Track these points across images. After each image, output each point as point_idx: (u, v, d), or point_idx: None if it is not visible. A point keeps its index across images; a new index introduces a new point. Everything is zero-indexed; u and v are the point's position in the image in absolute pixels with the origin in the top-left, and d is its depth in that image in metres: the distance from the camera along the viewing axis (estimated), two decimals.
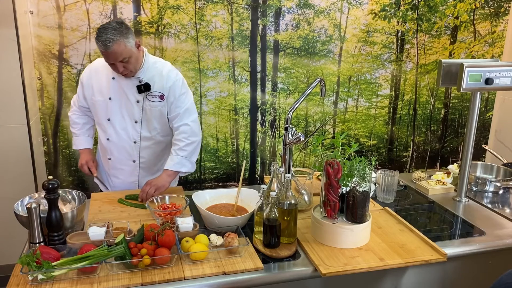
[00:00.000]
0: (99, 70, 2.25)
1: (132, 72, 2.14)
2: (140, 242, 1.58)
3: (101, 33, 1.99)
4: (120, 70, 2.09)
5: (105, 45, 1.98)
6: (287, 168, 2.02)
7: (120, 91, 2.22)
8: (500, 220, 1.97)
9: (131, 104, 2.23)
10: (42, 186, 1.63)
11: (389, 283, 1.70)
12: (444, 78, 2.09)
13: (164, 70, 2.23)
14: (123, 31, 2.02)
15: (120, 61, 2.05)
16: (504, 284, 1.02)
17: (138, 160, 2.34)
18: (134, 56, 2.10)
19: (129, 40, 2.04)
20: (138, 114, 2.25)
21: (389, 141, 3.72)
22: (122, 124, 2.27)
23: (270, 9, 3.17)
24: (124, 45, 2.02)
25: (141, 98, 2.22)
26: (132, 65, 2.11)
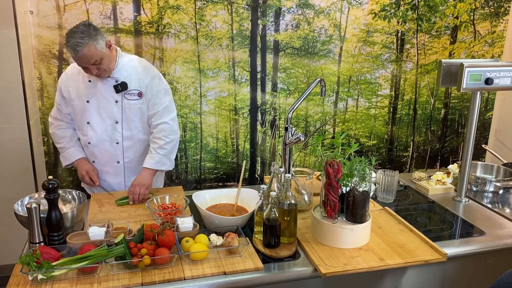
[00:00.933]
0: (74, 74, 2.24)
1: (107, 72, 2.14)
2: (140, 242, 1.58)
3: (70, 37, 1.98)
4: (94, 72, 2.08)
5: (74, 50, 1.97)
6: (287, 168, 2.02)
7: (97, 93, 2.21)
8: (500, 220, 1.97)
9: (109, 105, 2.22)
10: (42, 186, 1.63)
11: (389, 283, 1.70)
12: (444, 78, 2.09)
13: (140, 67, 2.23)
14: (91, 34, 2.01)
15: (92, 64, 2.05)
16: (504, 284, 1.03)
17: (123, 161, 2.32)
18: (106, 57, 2.09)
19: (98, 41, 2.03)
20: (118, 114, 2.24)
21: (389, 141, 3.71)
22: (102, 126, 2.25)
23: (270, 9, 3.17)
24: (94, 48, 2.01)
25: (119, 97, 2.21)
26: (105, 65, 2.10)
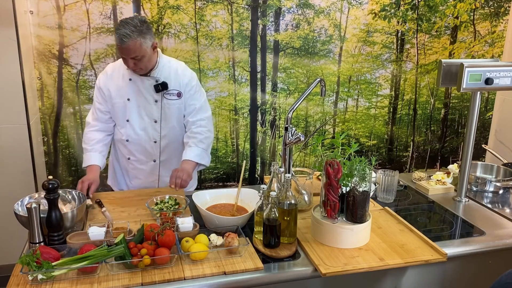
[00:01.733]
0: (114, 73, 2.27)
1: (143, 70, 2.15)
2: (140, 242, 1.58)
3: (121, 26, 2.01)
4: (130, 65, 2.10)
5: (121, 40, 1.99)
6: (287, 168, 2.02)
7: (138, 92, 2.23)
8: (500, 220, 1.97)
9: (149, 104, 2.25)
10: (42, 186, 1.63)
11: (389, 283, 1.70)
12: (444, 78, 2.09)
13: (179, 69, 2.27)
14: (142, 30, 2.04)
15: (132, 58, 2.07)
16: (504, 284, 1.02)
17: (159, 160, 2.35)
18: (147, 56, 2.11)
19: (146, 40, 2.06)
20: (157, 114, 2.27)
21: (389, 141, 3.72)
22: (141, 125, 2.28)
23: (270, 9, 3.17)
24: (139, 44, 2.03)
25: (159, 97, 2.24)
26: (143, 64, 2.11)
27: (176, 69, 2.26)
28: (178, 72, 2.26)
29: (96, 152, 2.28)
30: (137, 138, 2.30)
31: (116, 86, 2.25)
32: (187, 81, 2.26)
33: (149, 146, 2.32)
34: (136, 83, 2.23)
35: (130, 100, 2.25)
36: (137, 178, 2.39)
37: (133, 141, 2.31)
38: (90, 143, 2.29)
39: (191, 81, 2.28)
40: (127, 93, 2.24)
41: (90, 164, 2.26)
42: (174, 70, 2.26)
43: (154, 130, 2.30)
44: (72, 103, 2.97)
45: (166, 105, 2.26)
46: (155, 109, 2.26)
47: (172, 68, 2.26)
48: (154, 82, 2.22)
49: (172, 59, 2.32)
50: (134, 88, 2.24)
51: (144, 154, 2.34)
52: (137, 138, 2.30)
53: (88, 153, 2.29)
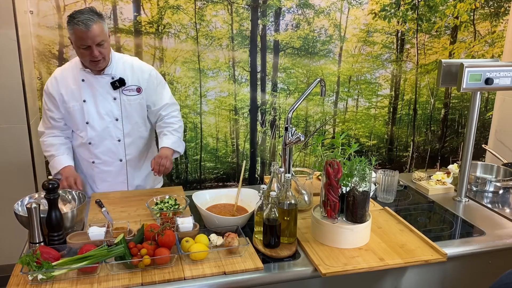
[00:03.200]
0: (64, 76, 2.19)
1: (105, 60, 2.11)
2: (140, 242, 1.58)
3: (79, 14, 1.98)
4: (96, 53, 2.03)
5: (86, 24, 1.95)
6: (287, 168, 2.02)
7: (94, 91, 2.18)
8: (500, 220, 1.97)
9: (108, 102, 2.20)
10: (42, 186, 1.63)
11: (389, 283, 1.70)
12: (444, 78, 2.09)
13: (134, 64, 2.24)
14: (99, 15, 2.03)
15: (97, 44, 2.02)
16: (504, 284, 1.02)
17: (125, 158, 2.29)
18: (108, 45, 2.08)
19: (105, 24, 2.05)
20: (118, 112, 2.22)
21: (389, 141, 3.72)
22: (102, 125, 2.21)
23: (270, 9, 3.17)
24: (102, 27, 2.01)
25: (117, 94, 2.19)
26: (106, 51, 2.08)
27: (131, 64, 2.22)
28: (134, 67, 2.22)
29: (63, 155, 2.23)
30: (99, 139, 2.23)
31: (69, 90, 2.17)
32: (147, 76, 2.23)
33: (113, 145, 2.25)
34: (90, 82, 2.16)
35: (86, 101, 2.18)
36: (104, 181, 2.31)
37: (95, 143, 2.24)
38: (53, 148, 2.22)
39: (151, 74, 2.25)
40: (81, 94, 2.17)
41: (63, 166, 2.19)
42: (129, 66, 2.21)
43: (117, 129, 2.24)
44: None
45: (126, 101, 2.21)
46: (114, 107, 2.20)
47: (126, 63, 2.22)
48: (110, 79, 2.16)
49: (124, 55, 2.28)
50: (89, 88, 2.17)
51: (109, 154, 2.27)
52: (100, 139, 2.23)
53: (56, 158, 2.21)
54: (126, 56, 2.27)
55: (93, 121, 2.21)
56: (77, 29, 1.97)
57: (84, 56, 2.07)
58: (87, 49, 2.03)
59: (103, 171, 2.30)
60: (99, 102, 2.19)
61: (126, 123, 2.25)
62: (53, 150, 2.23)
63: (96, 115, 2.20)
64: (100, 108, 2.20)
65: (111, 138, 2.25)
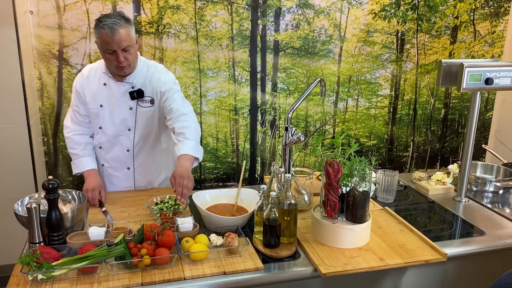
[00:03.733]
0: (91, 76, 2.17)
1: (130, 67, 2.06)
2: (140, 242, 1.58)
3: (105, 18, 1.93)
4: (121, 58, 1.97)
5: (112, 28, 1.89)
6: (287, 168, 2.02)
7: (111, 98, 2.14)
8: (500, 220, 1.97)
9: (123, 111, 2.16)
10: (42, 186, 1.63)
11: (389, 283, 1.70)
12: (444, 78, 2.09)
13: (156, 74, 2.15)
14: (127, 20, 1.98)
15: (123, 50, 1.96)
16: (504, 284, 1.02)
17: (133, 167, 2.29)
18: (134, 50, 2.03)
19: (132, 29, 1.99)
20: (131, 122, 2.18)
21: (389, 141, 3.71)
22: (114, 132, 2.19)
23: (270, 9, 3.17)
24: (129, 32, 1.96)
25: (134, 104, 2.14)
26: (132, 57, 2.02)
27: (152, 74, 2.15)
28: (154, 79, 2.14)
29: (89, 156, 2.22)
30: (109, 145, 2.22)
31: (91, 91, 2.15)
32: (165, 89, 2.13)
33: (121, 154, 2.24)
34: (111, 88, 2.13)
35: (103, 106, 2.15)
36: (112, 184, 2.32)
37: (105, 148, 2.23)
38: (78, 148, 2.21)
39: (168, 87, 2.14)
40: (100, 99, 2.14)
41: (87, 169, 2.19)
42: (150, 76, 2.15)
43: (127, 138, 2.21)
44: None
45: (140, 113, 2.16)
46: (129, 116, 2.16)
47: (149, 73, 2.15)
48: (130, 88, 2.11)
49: (150, 62, 2.20)
50: (108, 93, 2.13)
51: (117, 161, 2.27)
52: (110, 146, 2.22)
53: (80, 158, 2.21)
54: (151, 65, 2.19)
55: (106, 127, 2.19)
56: (103, 33, 1.92)
57: (109, 61, 2.02)
58: (112, 54, 1.98)
59: (111, 175, 2.31)
60: (114, 109, 2.15)
61: (138, 134, 2.21)
62: (79, 149, 2.21)
63: (109, 122, 2.18)
64: (115, 116, 2.16)
65: (121, 146, 2.23)
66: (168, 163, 2.37)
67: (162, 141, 2.30)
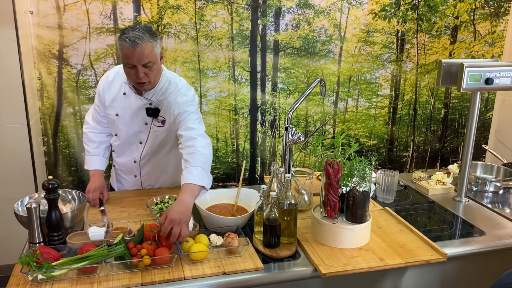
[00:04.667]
0: (114, 82, 2.11)
1: (151, 84, 1.95)
2: (140, 242, 1.58)
3: (129, 30, 1.83)
4: (141, 75, 1.87)
5: (133, 42, 1.79)
6: (287, 168, 2.02)
7: (129, 109, 2.09)
8: (500, 220, 1.97)
9: (138, 124, 2.11)
10: (42, 186, 1.63)
11: (389, 283, 1.70)
12: (444, 78, 2.09)
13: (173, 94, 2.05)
14: (153, 34, 1.88)
15: (143, 65, 1.86)
16: (504, 284, 1.02)
17: (140, 175, 2.29)
18: (157, 66, 1.92)
19: (156, 45, 1.89)
20: (144, 136, 2.15)
21: (389, 141, 3.71)
22: (127, 142, 2.18)
23: (270, 9, 3.17)
24: (152, 48, 1.85)
25: (149, 120, 2.10)
26: (153, 73, 1.92)
27: (170, 93, 2.04)
28: (171, 99, 2.04)
29: (98, 156, 2.21)
30: (120, 152, 2.23)
31: (111, 97, 2.11)
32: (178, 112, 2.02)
33: (129, 163, 2.25)
34: (129, 99, 2.07)
35: (119, 116, 2.12)
36: (121, 184, 2.35)
37: (117, 153, 2.25)
38: (92, 145, 2.22)
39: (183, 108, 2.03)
40: (117, 107, 2.11)
41: (92, 169, 2.19)
42: (168, 95, 2.04)
43: (137, 151, 2.20)
44: (72, 103, 2.97)
45: (153, 131, 2.12)
46: (143, 131, 2.13)
47: (167, 91, 2.05)
48: (148, 104, 2.05)
49: (172, 79, 2.08)
50: (126, 104, 2.08)
51: (125, 167, 2.28)
52: (120, 152, 2.23)
53: (90, 156, 2.21)
54: (173, 82, 2.07)
55: (120, 135, 2.18)
56: (124, 46, 1.82)
57: (129, 75, 1.93)
58: (132, 68, 1.88)
59: (121, 177, 2.33)
60: (130, 121, 2.12)
61: (146, 149, 2.18)
62: (92, 147, 2.21)
63: (124, 132, 2.15)
64: (129, 127, 2.13)
65: (130, 156, 2.23)
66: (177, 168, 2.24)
67: (170, 157, 2.24)
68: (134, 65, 1.86)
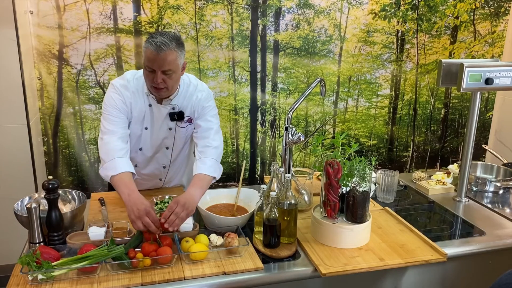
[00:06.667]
0: (139, 92, 2.01)
1: (168, 91, 1.94)
2: (138, 243, 1.58)
3: (158, 35, 1.83)
4: (158, 81, 1.85)
5: (159, 47, 1.78)
6: (287, 168, 2.02)
7: (156, 121, 2.07)
8: (500, 220, 1.97)
9: (163, 132, 2.10)
10: (42, 186, 1.63)
11: (389, 283, 1.70)
12: (444, 78, 2.09)
13: (195, 93, 2.08)
14: (180, 44, 1.88)
15: (163, 71, 1.85)
16: (504, 284, 1.02)
17: (164, 179, 2.29)
18: (177, 76, 1.92)
19: (181, 55, 1.89)
20: (170, 141, 2.14)
21: (389, 141, 3.71)
22: (153, 152, 2.16)
23: (270, 9, 3.17)
24: (175, 57, 1.84)
25: (173, 125, 2.09)
26: (171, 83, 1.90)
27: (191, 94, 2.07)
28: (193, 99, 2.07)
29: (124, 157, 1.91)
30: (146, 164, 2.20)
31: (138, 108, 2.02)
32: (201, 109, 2.08)
33: (157, 170, 2.23)
34: (154, 111, 2.04)
35: (147, 129, 2.08)
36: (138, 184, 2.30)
37: (142, 166, 2.20)
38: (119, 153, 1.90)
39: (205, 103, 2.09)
40: (146, 121, 2.05)
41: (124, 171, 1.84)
42: (189, 96, 2.07)
43: (165, 156, 2.19)
44: (72, 103, 2.97)
45: (178, 133, 2.12)
46: (169, 136, 2.12)
47: (188, 92, 2.07)
48: (171, 109, 2.04)
49: (186, 80, 2.09)
50: (152, 116, 2.05)
51: (151, 176, 2.26)
52: (146, 164, 2.20)
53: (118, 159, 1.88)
54: (192, 84, 2.09)
55: (146, 149, 2.14)
56: (148, 49, 1.82)
57: (147, 77, 1.90)
58: (151, 72, 1.86)
59: (140, 183, 2.19)
60: (156, 132, 2.10)
61: (175, 152, 2.19)
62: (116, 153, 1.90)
63: (150, 144, 2.13)
64: (155, 137, 2.11)
65: (157, 164, 2.20)
66: None
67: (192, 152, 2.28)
68: (154, 70, 1.85)
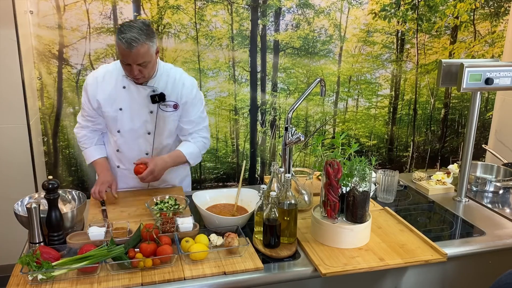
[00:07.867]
0: (106, 79, 2.10)
1: (145, 78, 2.01)
2: (137, 243, 1.58)
3: (126, 30, 1.85)
4: (135, 73, 1.93)
5: (129, 44, 1.83)
6: (287, 168, 2.02)
7: (132, 101, 2.09)
8: (500, 220, 1.97)
9: (143, 114, 2.11)
10: (42, 186, 1.63)
11: (389, 283, 1.70)
12: (444, 78, 2.09)
13: (177, 78, 2.12)
14: (149, 34, 1.90)
15: (138, 64, 1.92)
16: (504, 284, 1.02)
17: None
18: (152, 62, 1.98)
19: (153, 44, 1.93)
20: (151, 126, 2.14)
21: (389, 141, 3.71)
22: (133, 136, 2.16)
23: (270, 9, 3.17)
24: (147, 49, 1.89)
25: (155, 108, 2.10)
26: (147, 70, 1.97)
27: (174, 78, 2.11)
28: (176, 82, 2.11)
29: (96, 145, 2.23)
30: (128, 149, 2.19)
31: (107, 94, 2.09)
32: (187, 92, 2.12)
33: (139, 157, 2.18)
34: (131, 91, 2.08)
35: (122, 109, 2.10)
36: (125, 183, 2.29)
37: (123, 151, 2.21)
38: (88, 142, 2.22)
39: (191, 91, 2.14)
40: (119, 102, 2.09)
41: (95, 158, 2.21)
42: (172, 80, 2.10)
43: (147, 142, 2.18)
44: (72, 103, 2.97)
45: (161, 117, 2.12)
46: (149, 120, 2.12)
47: (170, 77, 2.11)
48: (151, 92, 2.06)
49: (170, 66, 2.17)
50: (128, 96, 2.08)
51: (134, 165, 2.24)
52: (128, 149, 2.19)
53: (86, 150, 2.23)
54: (173, 69, 2.15)
55: (124, 130, 2.15)
56: (120, 46, 1.87)
57: (125, 69, 1.99)
58: (127, 66, 1.94)
59: (126, 176, 2.27)
60: (134, 113, 2.11)
61: (157, 138, 2.18)
62: (87, 144, 2.23)
63: (129, 126, 2.14)
64: (134, 119, 2.13)
65: (139, 150, 2.20)
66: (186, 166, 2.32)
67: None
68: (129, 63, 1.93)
